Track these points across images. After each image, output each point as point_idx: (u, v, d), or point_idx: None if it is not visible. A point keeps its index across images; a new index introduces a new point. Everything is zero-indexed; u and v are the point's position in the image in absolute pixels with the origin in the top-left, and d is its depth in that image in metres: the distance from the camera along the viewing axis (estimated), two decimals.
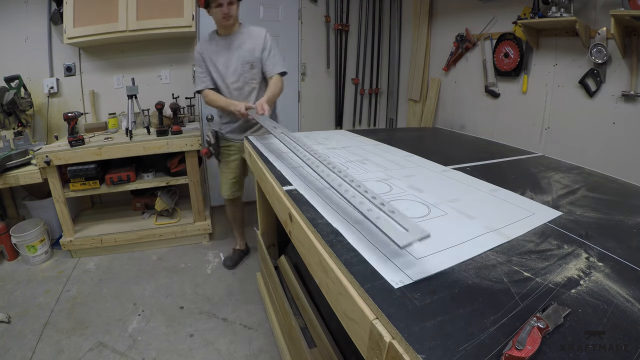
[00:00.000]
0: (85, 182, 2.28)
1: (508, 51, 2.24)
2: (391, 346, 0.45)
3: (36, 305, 1.92)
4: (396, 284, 0.54)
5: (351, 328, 0.57)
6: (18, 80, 2.44)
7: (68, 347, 1.63)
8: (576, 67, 1.90)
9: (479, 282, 0.56)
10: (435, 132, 2.35)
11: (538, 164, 1.36)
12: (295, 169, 1.14)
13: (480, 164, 1.29)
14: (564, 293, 0.54)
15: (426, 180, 1.06)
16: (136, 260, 2.41)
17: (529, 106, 2.21)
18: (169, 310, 1.91)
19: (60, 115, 2.46)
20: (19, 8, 2.51)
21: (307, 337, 1.25)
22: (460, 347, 0.43)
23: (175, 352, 1.62)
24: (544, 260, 0.63)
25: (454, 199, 0.90)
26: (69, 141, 2.18)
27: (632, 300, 0.53)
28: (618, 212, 0.89)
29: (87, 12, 2.34)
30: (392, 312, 0.48)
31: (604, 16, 1.74)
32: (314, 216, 0.78)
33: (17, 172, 2.14)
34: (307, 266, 0.78)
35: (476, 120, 2.61)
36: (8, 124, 2.44)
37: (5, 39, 2.52)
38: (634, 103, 1.69)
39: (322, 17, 3.20)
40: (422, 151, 1.44)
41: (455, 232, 0.72)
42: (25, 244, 2.27)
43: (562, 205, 0.91)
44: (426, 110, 3.04)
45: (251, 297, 2.02)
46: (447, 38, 2.73)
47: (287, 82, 3.52)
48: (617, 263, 0.64)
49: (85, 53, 2.68)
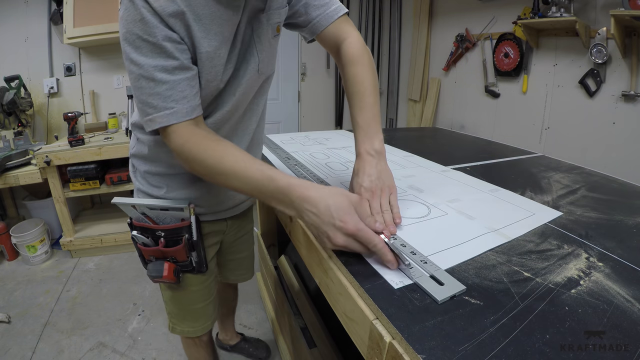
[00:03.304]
0: (85, 182, 2.28)
1: (508, 51, 2.24)
2: (391, 346, 0.45)
3: (36, 305, 1.92)
4: (396, 284, 0.54)
5: (351, 328, 0.57)
6: (18, 80, 2.44)
7: (68, 347, 1.63)
8: (576, 67, 1.91)
9: (479, 282, 0.56)
10: (435, 132, 2.35)
11: (538, 164, 1.36)
12: (294, 168, 1.14)
13: (480, 164, 1.29)
14: (564, 293, 0.54)
15: (426, 180, 1.06)
16: (136, 260, 2.40)
17: (529, 106, 2.21)
18: None
19: (60, 115, 2.47)
20: (19, 8, 2.51)
21: (307, 337, 1.25)
22: (460, 347, 0.43)
23: (176, 352, 1.62)
24: (544, 260, 0.63)
25: (454, 199, 0.90)
26: (69, 141, 2.18)
27: (632, 300, 0.53)
28: (618, 212, 0.89)
29: (87, 12, 2.34)
30: (392, 312, 0.48)
31: (604, 16, 1.74)
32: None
33: (17, 172, 2.14)
34: (307, 266, 0.78)
35: (476, 120, 2.61)
36: (8, 124, 2.44)
37: (5, 39, 2.52)
38: (634, 103, 1.69)
39: None
40: (422, 151, 1.44)
41: (455, 232, 0.72)
42: (25, 244, 2.27)
43: (562, 205, 0.91)
44: (426, 110, 3.04)
45: (251, 297, 2.02)
46: (447, 38, 2.73)
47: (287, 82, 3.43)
48: (617, 263, 0.64)
49: (85, 53, 2.68)
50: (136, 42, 0.60)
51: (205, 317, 1.05)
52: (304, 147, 1.43)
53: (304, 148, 1.41)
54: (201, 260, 0.92)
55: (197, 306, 1.01)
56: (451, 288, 0.53)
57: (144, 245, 0.87)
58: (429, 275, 0.56)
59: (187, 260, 0.88)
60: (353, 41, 0.82)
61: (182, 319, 1.03)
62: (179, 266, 0.89)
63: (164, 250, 0.85)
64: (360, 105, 0.77)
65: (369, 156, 0.73)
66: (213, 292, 1.05)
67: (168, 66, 0.61)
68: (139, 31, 0.59)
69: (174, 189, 0.86)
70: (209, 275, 1.00)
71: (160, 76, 0.61)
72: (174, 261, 0.88)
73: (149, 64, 0.60)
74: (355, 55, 0.80)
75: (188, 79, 0.64)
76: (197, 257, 0.91)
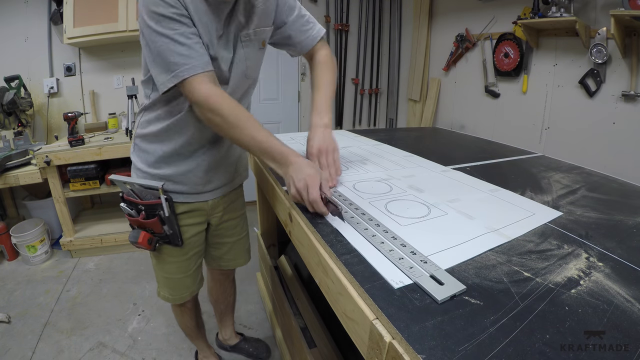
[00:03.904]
0: (85, 182, 2.28)
1: (508, 51, 2.24)
2: (391, 346, 0.45)
3: (36, 305, 1.92)
4: (396, 284, 0.54)
5: (351, 328, 0.57)
6: (18, 80, 2.44)
7: (68, 347, 1.63)
8: (576, 67, 1.90)
9: (479, 282, 0.56)
10: (435, 132, 2.35)
11: (538, 164, 1.36)
12: None
13: (480, 164, 1.29)
14: (564, 293, 0.54)
15: (426, 180, 1.06)
16: (136, 260, 2.41)
17: (529, 106, 2.21)
18: (169, 310, 1.90)
19: (60, 115, 2.47)
20: (19, 8, 2.51)
21: (307, 337, 1.25)
22: (460, 347, 0.43)
23: (176, 352, 1.62)
24: (544, 260, 0.63)
25: (454, 199, 0.90)
26: (69, 141, 2.18)
27: (632, 300, 0.53)
28: (618, 212, 0.89)
29: (87, 12, 2.35)
30: (392, 312, 0.48)
31: (604, 16, 1.74)
32: (314, 216, 0.78)
33: (17, 172, 2.14)
34: (307, 266, 0.78)
35: (476, 120, 2.61)
36: (8, 124, 2.44)
37: (5, 39, 2.52)
38: (634, 103, 1.69)
39: (322, 17, 3.20)
40: (422, 151, 1.44)
41: (455, 232, 0.72)
42: (25, 244, 2.27)
43: (562, 205, 0.91)
44: (426, 110, 3.04)
45: (251, 297, 2.02)
46: (447, 38, 2.73)
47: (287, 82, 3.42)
48: (617, 263, 0.64)
49: (85, 53, 2.68)
50: (158, 18, 0.78)
51: (183, 288, 1.20)
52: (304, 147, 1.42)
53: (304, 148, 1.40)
54: (175, 234, 1.06)
55: (175, 276, 1.17)
56: (451, 288, 0.53)
57: (129, 216, 1.04)
58: (429, 275, 0.56)
59: (162, 233, 1.05)
60: (323, 53, 1.08)
61: (163, 286, 1.20)
62: (157, 237, 1.06)
63: (143, 221, 1.01)
64: (318, 94, 1.02)
65: (319, 127, 0.97)
66: (192, 268, 1.19)
67: (185, 32, 0.79)
68: (162, 10, 0.77)
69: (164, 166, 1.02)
70: (188, 250, 1.14)
71: (180, 39, 0.79)
72: (151, 232, 1.04)
73: (170, 32, 0.78)
74: (322, 61, 1.06)
75: (200, 43, 0.82)
76: (169, 230, 1.04)
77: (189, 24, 0.80)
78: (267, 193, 1.19)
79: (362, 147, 1.53)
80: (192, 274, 1.20)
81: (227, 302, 1.54)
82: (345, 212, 0.77)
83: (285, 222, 0.94)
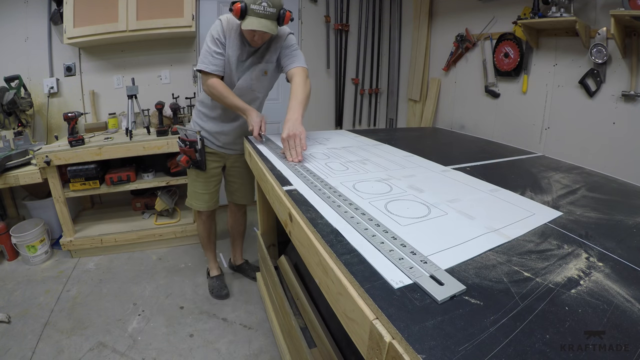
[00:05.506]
0: (85, 182, 2.28)
1: (508, 51, 2.24)
2: (391, 346, 0.45)
3: (36, 305, 1.92)
4: (396, 284, 0.54)
5: (351, 328, 0.57)
6: (18, 80, 2.44)
7: (68, 347, 1.63)
8: (576, 67, 1.90)
9: (479, 282, 0.56)
10: (435, 132, 2.35)
11: (538, 164, 1.36)
12: (294, 167, 1.14)
13: (480, 164, 1.29)
14: (564, 293, 0.54)
15: (426, 180, 1.06)
16: (136, 260, 2.41)
17: (529, 106, 2.21)
18: (169, 310, 1.91)
19: (60, 115, 2.47)
20: (19, 8, 2.51)
21: (307, 337, 1.25)
22: (460, 347, 0.43)
23: (176, 352, 1.62)
24: (544, 260, 0.63)
25: (454, 199, 0.90)
26: (69, 141, 2.18)
27: (632, 300, 0.53)
28: (618, 212, 0.89)
29: (87, 12, 2.35)
30: (392, 312, 0.48)
31: (604, 16, 1.74)
32: (314, 216, 0.78)
33: (17, 172, 2.14)
34: (307, 266, 0.78)
35: (476, 120, 2.61)
36: (8, 124, 2.44)
37: (5, 39, 2.52)
38: (634, 103, 1.69)
39: (322, 17, 3.20)
40: (422, 151, 1.44)
41: (455, 232, 0.72)
42: (25, 244, 2.27)
43: (562, 205, 0.91)
44: (426, 110, 3.04)
45: (251, 297, 2.02)
46: (447, 38, 2.72)
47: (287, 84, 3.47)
48: (617, 263, 0.64)
49: (85, 53, 2.68)
50: (211, 37, 1.52)
51: (203, 202, 1.89)
52: None
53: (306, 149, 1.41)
54: (202, 161, 1.78)
55: (199, 191, 1.88)
56: (451, 288, 0.53)
57: (180, 147, 1.76)
58: (429, 275, 0.56)
59: (195, 159, 1.76)
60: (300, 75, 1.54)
61: (191, 197, 1.91)
62: (192, 161, 1.77)
63: (186, 149, 1.74)
64: (293, 99, 1.44)
65: (290, 120, 1.35)
66: (211, 189, 1.88)
67: (217, 51, 1.53)
68: (214, 34, 1.51)
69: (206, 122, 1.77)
70: (209, 176, 1.85)
71: (213, 51, 1.53)
72: (189, 157, 1.76)
73: (210, 47, 1.52)
74: (297, 82, 1.51)
75: (222, 60, 1.55)
76: (199, 157, 1.75)
77: (221, 49, 1.53)
78: (267, 193, 1.19)
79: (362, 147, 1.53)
80: (211, 194, 1.89)
81: (239, 230, 2.17)
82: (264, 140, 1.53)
83: (285, 222, 0.94)
